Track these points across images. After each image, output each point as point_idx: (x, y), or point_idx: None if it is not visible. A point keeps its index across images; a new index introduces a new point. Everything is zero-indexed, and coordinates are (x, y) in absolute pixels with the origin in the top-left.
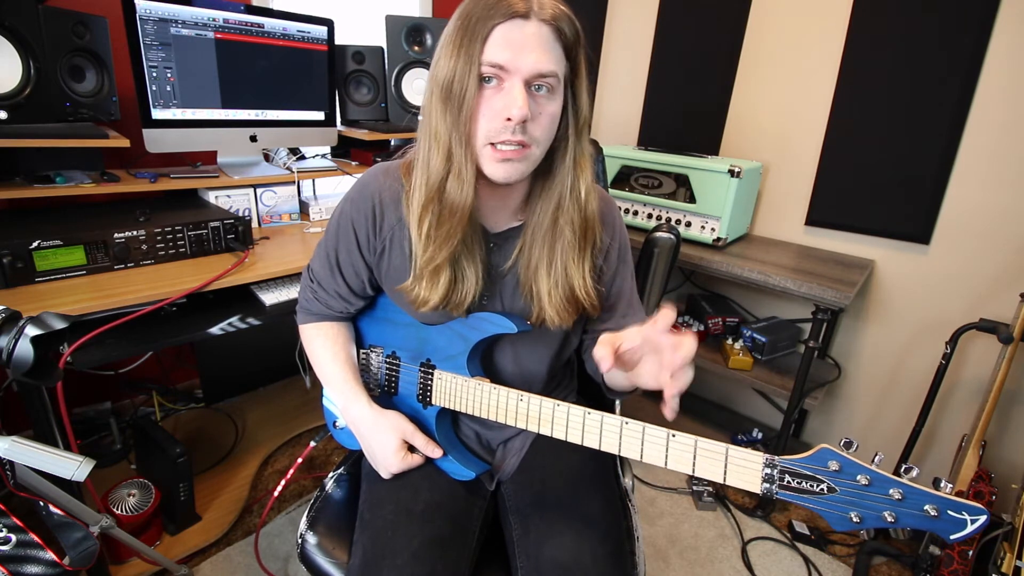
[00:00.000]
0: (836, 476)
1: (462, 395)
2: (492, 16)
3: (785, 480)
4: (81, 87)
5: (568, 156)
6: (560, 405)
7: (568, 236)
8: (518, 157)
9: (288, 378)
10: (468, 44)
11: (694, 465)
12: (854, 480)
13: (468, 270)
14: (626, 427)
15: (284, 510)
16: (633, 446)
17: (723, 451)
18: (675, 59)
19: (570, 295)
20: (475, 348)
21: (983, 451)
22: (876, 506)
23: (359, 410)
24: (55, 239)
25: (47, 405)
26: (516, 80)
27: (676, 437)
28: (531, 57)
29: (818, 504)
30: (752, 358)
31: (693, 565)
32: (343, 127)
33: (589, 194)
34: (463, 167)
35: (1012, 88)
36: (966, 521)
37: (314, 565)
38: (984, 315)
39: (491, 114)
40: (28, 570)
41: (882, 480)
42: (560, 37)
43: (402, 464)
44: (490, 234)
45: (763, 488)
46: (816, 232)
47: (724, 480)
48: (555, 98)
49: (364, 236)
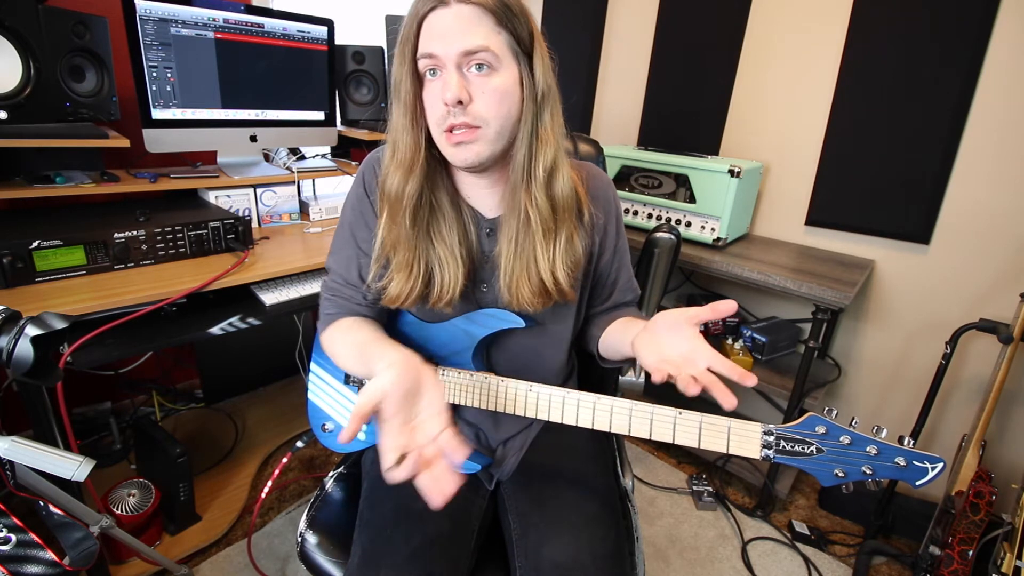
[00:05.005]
0: (823, 438)
1: (469, 389)
2: (418, 12)
3: (780, 445)
4: (81, 87)
5: (524, 132)
6: (571, 393)
7: (532, 218)
8: (470, 139)
9: (288, 378)
10: (404, 43)
11: (700, 438)
12: (838, 441)
13: (445, 258)
14: (635, 409)
15: (284, 510)
16: (642, 426)
17: (726, 425)
18: (675, 59)
19: (537, 283)
20: (480, 344)
21: (983, 451)
22: (857, 462)
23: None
24: (55, 239)
25: (47, 405)
26: (448, 65)
27: (683, 415)
28: (454, 39)
29: (808, 464)
30: (752, 358)
31: (693, 565)
32: (343, 127)
33: (556, 171)
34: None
35: (1012, 88)
36: (927, 469)
37: (314, 564)
38: (984, 315)
39: (433, 101)
40: (28, 570)
41: (860, 439)
42: (486, 11)
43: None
44: (485, 219)
45: (762, 453)
46: (816, 232)
47: (727, 450)
48: (498, 73)
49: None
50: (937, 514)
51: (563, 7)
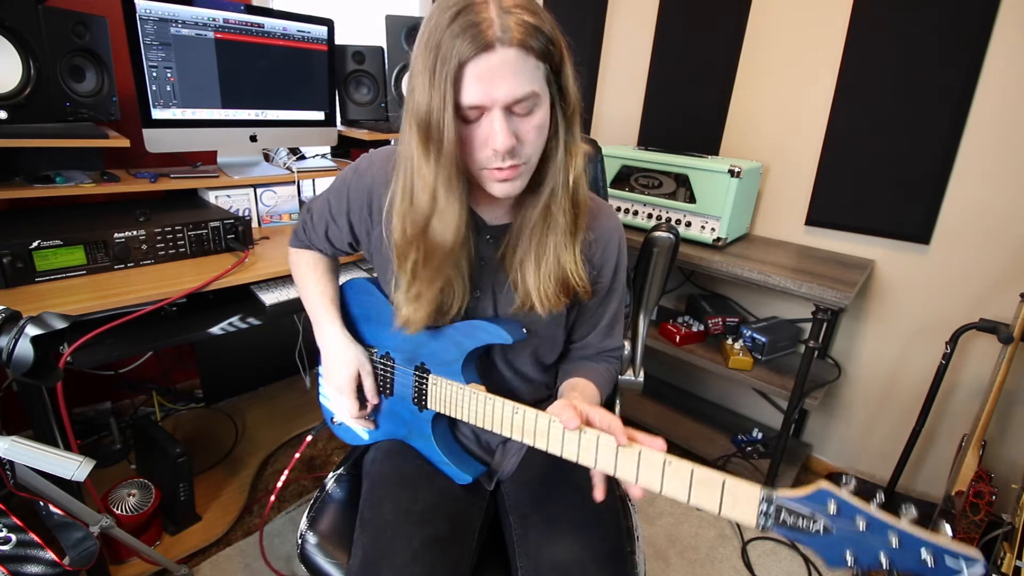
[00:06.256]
0: (834, 518)
1: (457, 402)
2: (459, 52)
3: (781, 517)
4: (81, 87)
5: (559, 150)
6: (556, 420)
7: (561, 223)
8: (515, 175)
9: (288, 378)
10: (440, 81)
11: (689, 494)
12: (852, 522)
13: (456, 285)
14: (622, 451)
15: (284, 510)
16: (628, 469)
17: (719, 481)
18: (675, 59)
19: (562, 281)
20: (470, 355)
21: (983, 451)
22: (872, 549)
23: (332, 331)
24: (55, 239)
25: (47, 405)
26: (495, 111)
27: (672, 464)
28: (503, 87)
29: (814, 543)
30: (752, 358)
31: (693, 565)
32: (343, 127)
33: (580, 179)
34: (447, 210)
35: (1012, 87)
36: (961, 570)
37: (314, 565)
38: (984, 315)
39: (479, 145)
40: (28, 570)
41: (880, 524)
42: (531, 52)
43: (348, 395)
44: (487, 226)
45: (759, 522)
46: (816, 232)
47: (719, 512)
48: (539, 109)
49: (357, 212)
50: (937, 514)
51: (563, 7)
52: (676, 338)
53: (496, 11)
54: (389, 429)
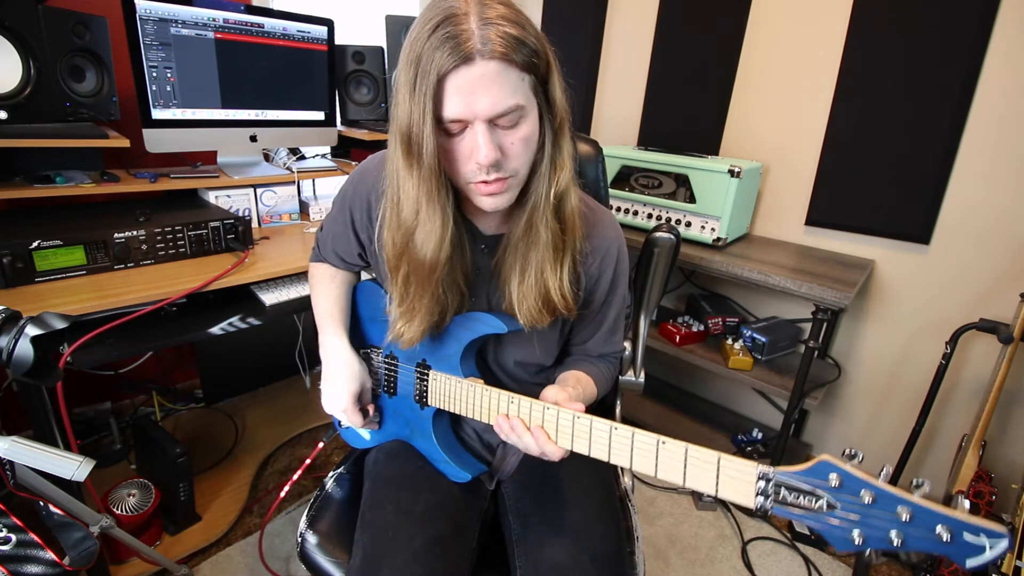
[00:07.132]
0: (837, 491)
1: (456, 396)
2: (438, 65)
3: (781, 495)
4: (81, 87)
5: (544, 163)
6: (550, 408)
7: (544, 238)
8: (502, 189)
9: (288, 378)
10: (419, 94)
11: (685, 474)
12: (857, 496)
13: (450, 298)
14: (615, 432)
15: (284, 510)
16: (622, 453)
17: (715, 460)
18: (675, 59)
19: (544, 298)
20: (468, 348)
21: (983, 451)
22: (882, 525)
23: (336, 343)
24: (55, 239)
25: (47, 405)
26: (477, 125)
27: (666, 444)
28: (484, 100)
29: (817, 522)
30: (752, 358)
31: (693, 565)
32: (343, 127)
33: (565, 193)
34: (429, 223)
35: (1012, 87)
36: (984, 546)
37: (314, 564)
38: (984, 315)
39: (463, 158)
40: (28, 570)
41: (889, 497)
42: (513, 64)
43: (351, 414)
44: (482, 236)
45: (757, 502)
46: (816, 232)
47: (716, 492)
48: (525, 121)
49: (359, 220)
50: None
51: (563, 7)
52: (676, 338)
53: (477, 23)
54: (393, 430)
